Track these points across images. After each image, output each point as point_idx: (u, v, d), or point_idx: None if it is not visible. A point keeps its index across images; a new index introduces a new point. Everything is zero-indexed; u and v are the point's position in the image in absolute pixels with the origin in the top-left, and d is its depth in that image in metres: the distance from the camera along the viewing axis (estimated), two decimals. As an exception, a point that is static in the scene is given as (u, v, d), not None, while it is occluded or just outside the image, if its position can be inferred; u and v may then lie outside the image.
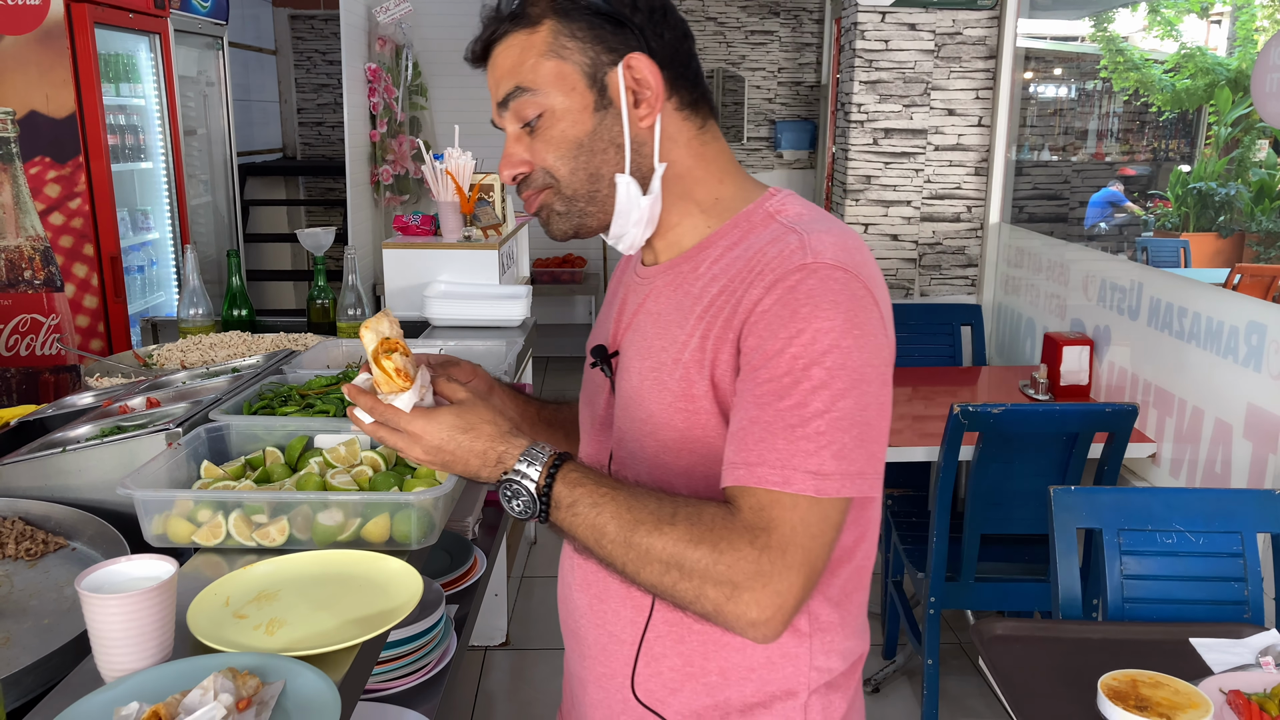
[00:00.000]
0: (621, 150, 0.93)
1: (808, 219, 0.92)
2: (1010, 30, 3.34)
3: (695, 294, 0.93)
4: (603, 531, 0.85)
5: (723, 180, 0.98)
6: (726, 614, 0.82)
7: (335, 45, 6.59)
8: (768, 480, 0.82)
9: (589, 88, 0.91)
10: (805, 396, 0.82)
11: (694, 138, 0.96)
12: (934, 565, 2.33)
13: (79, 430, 1.63)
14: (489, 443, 0.90)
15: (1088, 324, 2.82)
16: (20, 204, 3.21)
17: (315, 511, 1.27)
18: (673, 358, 0.93)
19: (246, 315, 2.65)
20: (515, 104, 0.93)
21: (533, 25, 0.91)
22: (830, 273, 0.85)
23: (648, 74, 0.91)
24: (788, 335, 0.83)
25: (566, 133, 0.92)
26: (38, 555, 1.38)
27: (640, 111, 0.92)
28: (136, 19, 3.48)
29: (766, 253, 0.89)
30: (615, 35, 0.91)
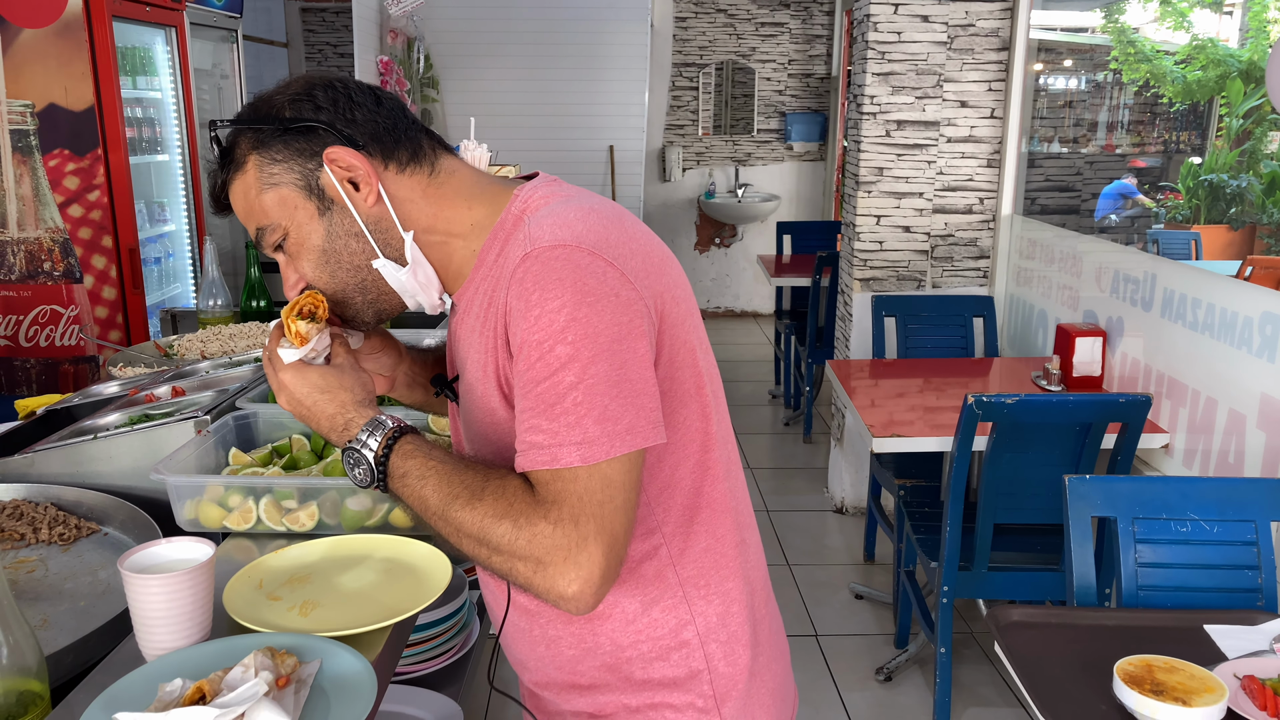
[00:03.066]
0: (363, 237, 0.98)
1: (542, 207, 0.97)
2: (1023, 22, 3.34)
3: (476, 314, 0.98)
4: (425, 503, 0.91)
5: (471, 206, 1.01)
6: (538, 588, 0.86)
7: (346, 38, 6.61)
8: (539, 461, 0.87)
9: (308, 198, 0.97)
10: (556, 374, 0.87)
11: (428, 186, 1.00)
12: (947, 554, 2.35)
13: (108, 418, 1.66)
14: (339, 409, 0.97)
15: (1100, 315, 2.83)
16: (40, 196, 3.24)
17: (344, 497, 1.30)
18: (476, 378, 0.99)
19: (265, 305, 2.67)
20: (263, 240, 0.99)
21: (241, 167, 0.97)
22: (549, 253, 0.89)
23: (350, 159, 0.95)
24: (529, 324, 0.88)
25: (307, 244, 0.98)
26: (71, 540, 1.41)
27: (363, 193, 0.97)
28: (153, 12, 3.51)
29: (507, 252, 0.95)
30: (310, 143, 0.95)
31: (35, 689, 0.95)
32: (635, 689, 1.02)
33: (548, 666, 1.07)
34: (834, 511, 3.87)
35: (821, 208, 7.00)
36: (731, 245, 7.11)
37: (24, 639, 0.94)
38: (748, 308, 7.23)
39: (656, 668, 1.02)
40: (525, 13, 5.67)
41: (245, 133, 0.97)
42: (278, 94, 0.98)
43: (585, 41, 5.70)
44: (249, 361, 1.94)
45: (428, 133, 1.02)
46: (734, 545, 1.04)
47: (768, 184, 7.00)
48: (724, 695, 1.03)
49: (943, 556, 2.36)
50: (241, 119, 0.98)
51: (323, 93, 0.96)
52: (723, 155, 6.98)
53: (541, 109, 5.75)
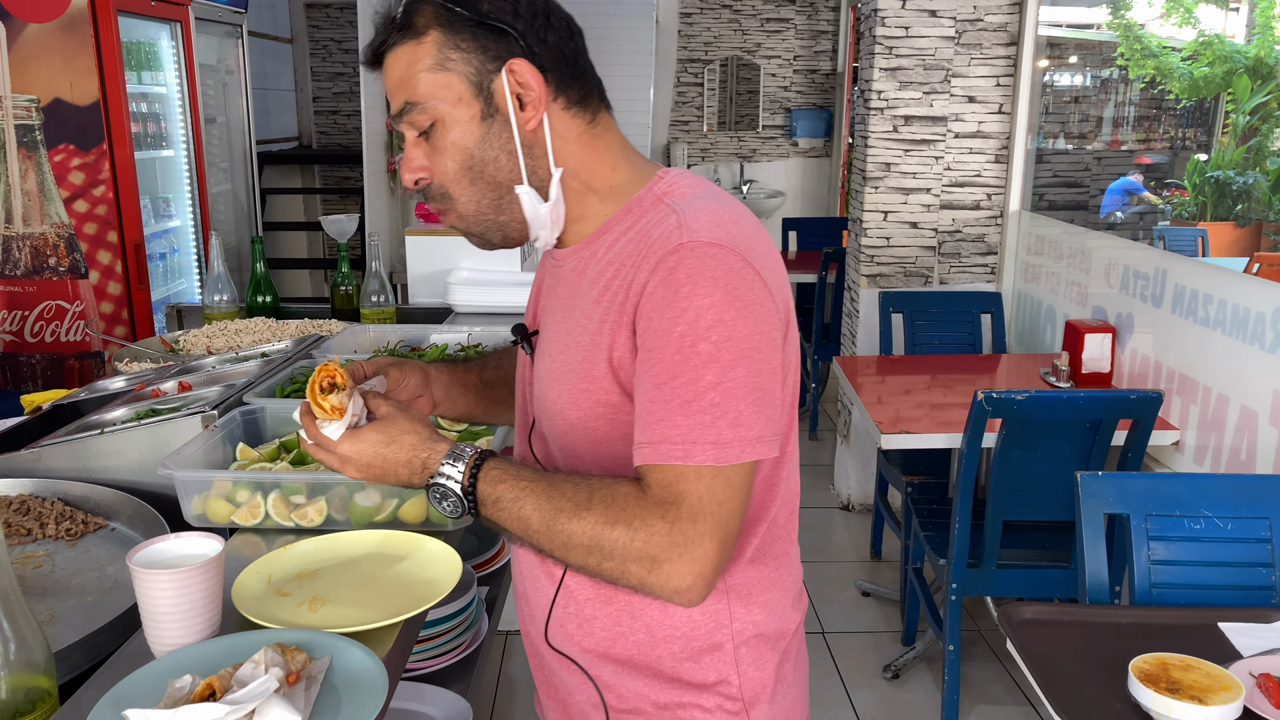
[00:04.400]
0: (514, 156, 0.96)
1: (690, 196, 0.96)
2: (1031, 16, 3.32)
3: (592, 279, 0.97)
4: (527, 523, 0.90)
5: (616, 168, 1.00)
6: (651, 585, 0.87)
7: (350, 34, 6.60)
8: (671, 456, 0.86)
9: (475, 96, 0.94)
10: (696, 372, 0.86)
11: (585, 132, 0.99)
12: (956, 551, 2.33)
13: (114, 413, 1.65)
14: (412, 452, 0.94)
15: (1109, 311, 2.82)
16: (45, 191, 3.24)
17: (352, 492, 1.29)
18: (575, 342, 0.97)
19: (271, 301, 2.67)
20: (409, 117, 0.95)
21: (418, 37, 0.93)
22: (706, 250, 0.89)
23: (529, 78, 0.94)
24: (672, 315, 0.87)
25: (458, 143, 0.95)
26: (78, 535, 1.40)
27: (526, 114, 0.95)
28: (159, 6, 3.50)
29: (650, 235, 0.93)
30: (498, 43, 0.93)
31: (43, 685, 0.94)
32: (662, 684, 1.01)
33: (580, 642, 1.05)
34: (840, 509, 3.86)
35: (827, 204, 6.98)
36: (736, 242, 7.08)
37: (32, 635, 0.94)
38: (752, 304, 7.19)
39: (685, 668, 1.01)
40: (530, 8, 5.65)
41: (435, 5, 0.93)
42: None
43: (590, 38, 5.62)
44: (255, 357, 1.93)
45: (598, 83, 1.01)
46: (784, 558, 1.05)
47: (773, 180, 6.98)
48: (752, 700, 1.02)
49: (952, 554, 2.35)
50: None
51: (525, 2, 0.94)
52: (728, 151, 6.96)
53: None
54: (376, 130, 5.19)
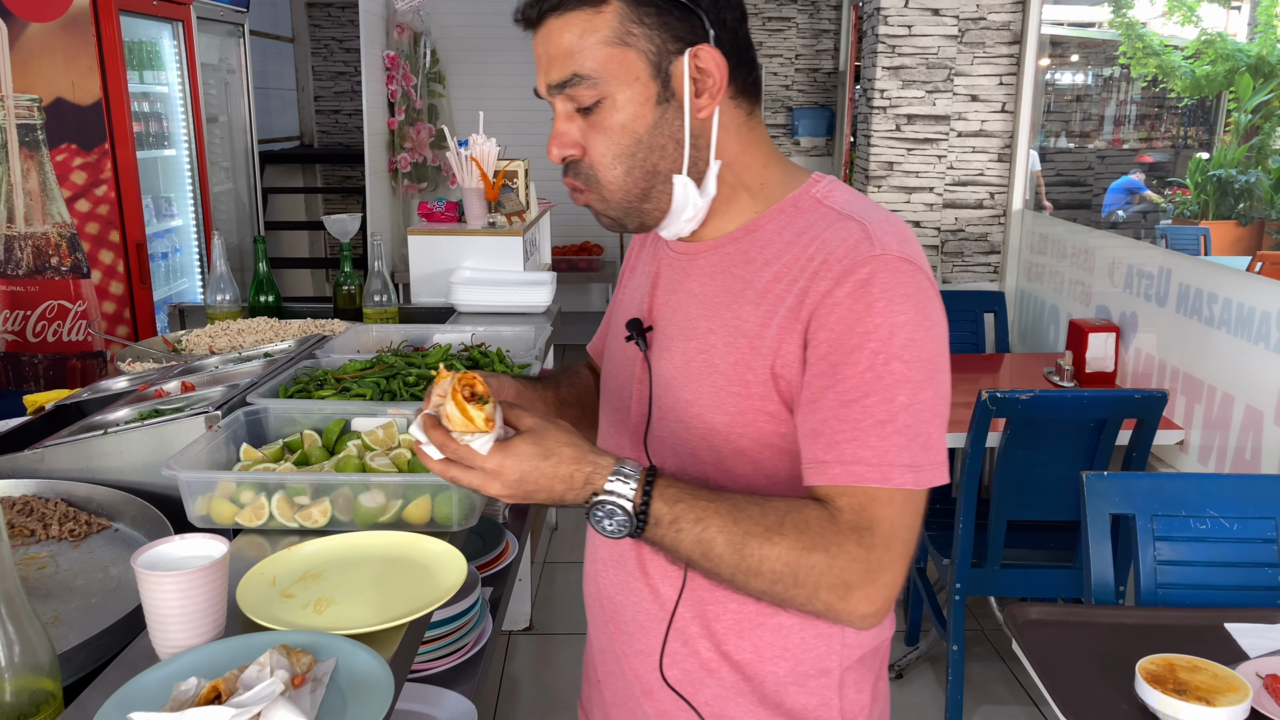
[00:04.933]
0: (681, 146, 0.90)
1: (859, 206, 0.92)
2: (1035, 15, 3.32)
3: (747, 278, 0.92)
4: (710, 546, 0.84)
5: (767, 165, 0.96)
6: (838, 612, 0.84)
7: (352, 33, 6.60)
8: (867, 478, 0.83)
9: (653, 78, 0.87)
10: (890, 391, 0.83)
11: (743, 124, 0.94)
12: (960, 551, 2.33)
13: (117, 413, 1.65)
14: (573, 466, 0.85)
15: (1113, 310, 2.81)
16: (47, 191, 3.23)
17: (357, 493, 1.29)
18: (725, 341, 0.92)
19: (273, 301, 2.66)
20: (572, 89, 0.88)
21: (597, 4, 0.86)
22: (899, 265, 0.86)
23: (713, 66, 0.88)
24: (865, 330, 0.84)
25: (627, 125, 0.88)
26: (81, 536, 1.40)
27: (700, 101, 0.89)
28: (160, 5, 3.49)
29: (827, 241, 0.88)
30: (682, 22, 0.87)
31: (48, 687, 0.94)
32: (766, 709, 0.99)
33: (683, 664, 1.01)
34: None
35: (828, 203, 6.97)
36: (738, 241, 7.08)
37: (36, 637, 0.93)
38: (754, 303, 7.19)
39: (790, 693, 0.98)
40: (532, 7, 5.65)
41: None
42: None
43: (592, 36, 5.68)
44: (258, 356, 1.92)
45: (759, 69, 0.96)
46: None
47: (774, 179, 6.98)
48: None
49: (955, 554, 2.34)
50: None
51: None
52: (729, 150, 6.96)
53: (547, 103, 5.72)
54: (378, 130, 5.19)
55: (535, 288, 2.61)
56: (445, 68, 5.71)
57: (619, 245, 5.84)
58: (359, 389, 1.61)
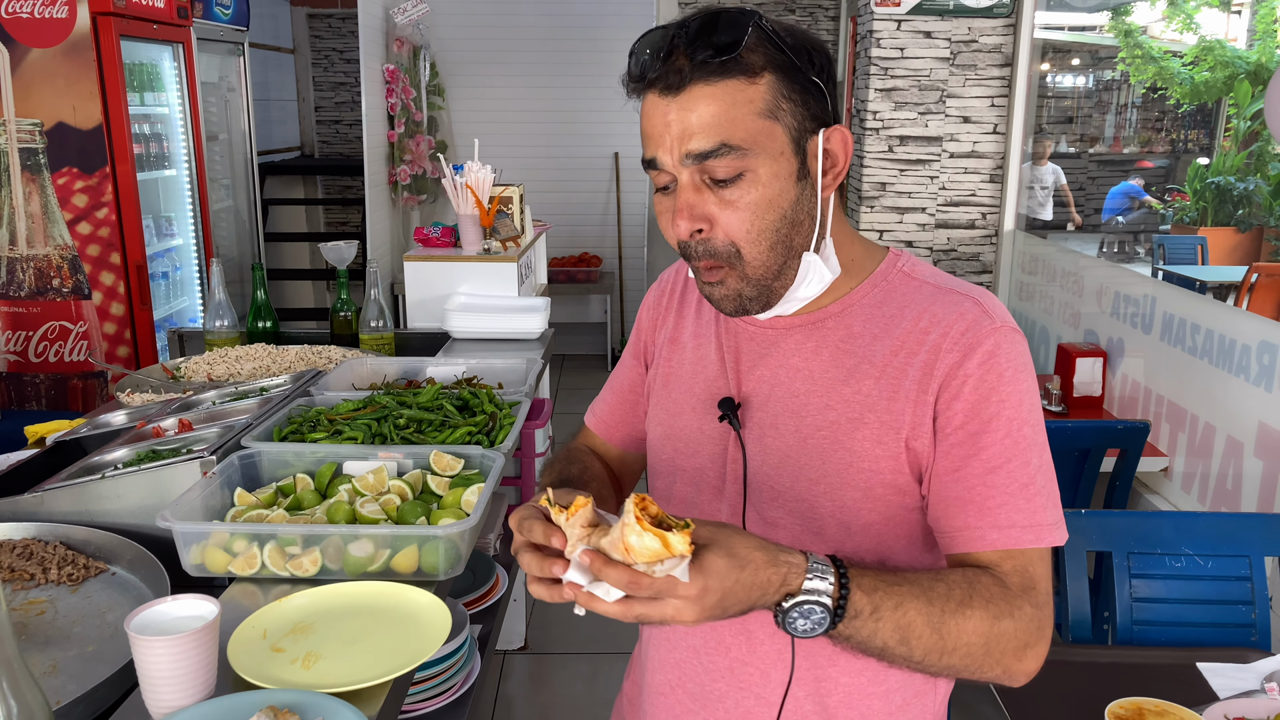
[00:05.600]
0: (814, 223, 0.91)
1: (949, 280, 0.97)
2: (1026, 38, 3.35)
3: (859, 353, 0.94)
4: (909, 630, 0.83)
5: (853, 242, 0.98)
6: (1015, 673, 0.88)
7: (352, 44, 6.65)
8: (1023, 540, 0.88)
9: (794, 154, 0.87)
10: (1025, 455, 0.89)
11: (838, 207, 0.96)
12: (946, 577, 2.36)
13: (115, 453, 1.68)
14: (769, 570, 0.79)
15: (1101, 335, 2.84)
16: (49, 214, 3.28)
17: (346, 543, 1.32)
18: (849, 417, 0.93)
19: (271, 327, 2.70)
20: (719, 159, 0.85)
21: (753, 76, 0.84)
22: (1015, 337, 0.92)
23: (839, 147, 0.90)
24: (999, 399, 0.89)
25: (773, 201, 0.87)
26: (79, 580, 1.44)
27: (826, 181, 0.91)
28: (160, 29, 3.53)
29: (941, 316, 0.92)
30: (818, 102, 0.88)
31: (45, 748, 0.97)
32: None
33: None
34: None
35: (826, 212, 7.00)
36: (736, 250, 7.11)
37: (34, 700, 0.97)
38: (753, 312, 7.22)
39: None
40: (530, 20, 5.69)
41: (773, 47, 0.85)
42: (799, 33, 0.88)
43: (589, 49, 5.71)
44: (254, 393, 1.96)
45: None
46: None
47: (773, 189, 7.01)
48: None
49: (942, 579, 2.37)
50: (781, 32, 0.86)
51: (830, 65, 0.89)
52: (728, 160, 6.99)
53: (546, 116, 5.76)
54: (378, 142, 5.23)
55: (528, 314, 2.64)
56: (444, 81, 5.75)
57: (617, 256, 5.88)
58: (351, 431, 1.64)
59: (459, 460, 1.55)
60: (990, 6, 3.35)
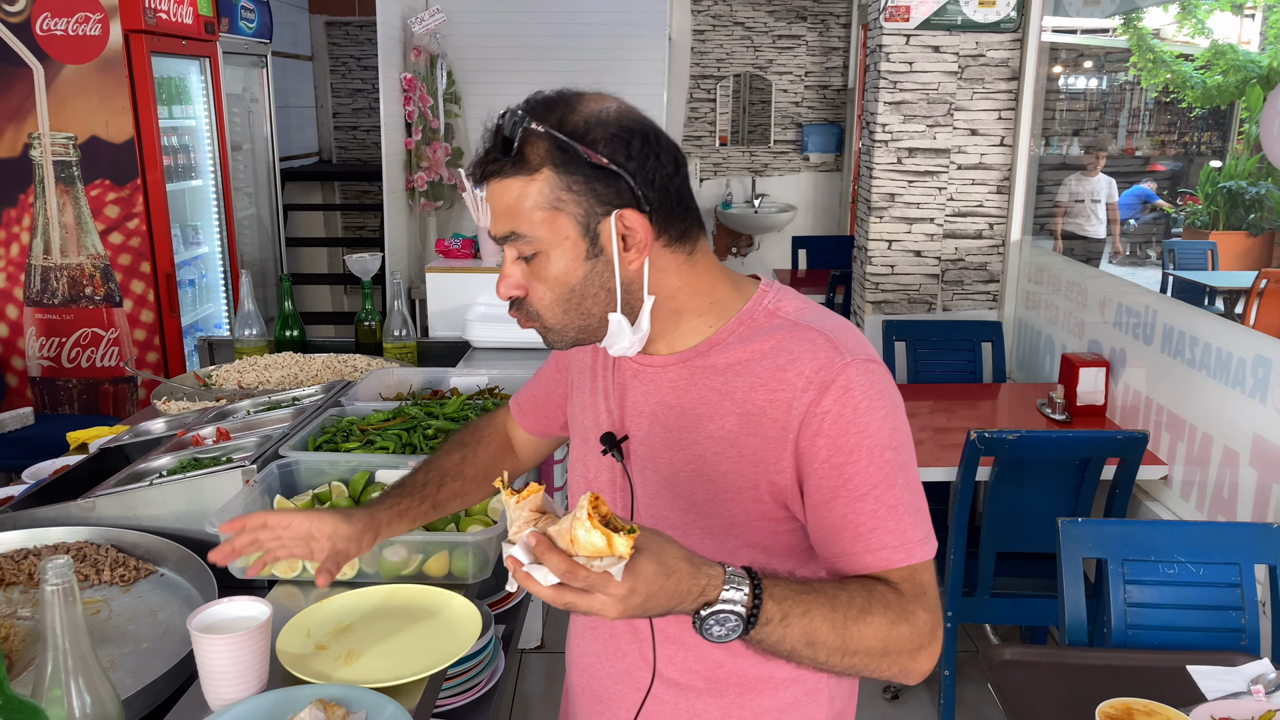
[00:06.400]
0: (612, 293, 0.99)
1: (812, 315, 1.02)
2: (1033, 53, 3.41)
3: (722, 390, 1.01)
4: (815, 634, 0.90)
5: (715, 287, 1.04)
6: (910, 672, 0.95)
7: (369, 50, 6.74)
8: (895, 560, 0.95)
9: (582, 237, 0.95)
10: (890, 479, 0.95)
11: (684, 264, 1.01)
12: (951, 581, 2.44)
13: (160, 461, 1.78)
14: (690, 581, 0.86)
15: (1104, 345, 2.91)
16: (82, 224, 3.39)
17: (381, 548, 1.41)
18: (714, 452, 1.01)
19: (298, 336, 2.80)
20: (513, 243, 0.98)
21: (531, 172, 0.94)
22: (868, 367, 0.97)
23: (636, 225, 0.95)
24: (858, 432, 0.95)
25: (560, 277, 0.97)
26: (131, 581, 1.53)
27: (629, 255, 0.97)
28: (189, 45, 3.63)
29: (799, 357, 0.97)
30: (608, 187, 0.94)
31: (115, 736, 1.07)
32: None
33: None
34: (846, 527, 3.95)
35: (838, 218, 7.07)
36: (748, 255, 7.19)
37: (105, 690, 1.06)
38: (764, 316, 7.30)
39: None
40: (545, 30, 5.77)
41: (550, 143, 0.93)
42: (594, 121, 0.94)
43: (603, 57, 5.79)
44: (287, 403, 2.05)
45: (698, 212, 1.03)
46: None
47: (784, 194, 7.08)
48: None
49: (946, 583, 2.45)
50: (554, 127, 0.93)
51: (639, 142, 0.94)
52: (740, 166, 7.07)
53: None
54: (396, 150, 5.32)
55: (547, 324, 2.72)
56: (461, 88, 5.84)
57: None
58: (382, 441, 1.73)
59: (485, 469, 1.64)
60: (998, 21, 3.42)
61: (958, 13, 3.41)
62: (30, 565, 1.54)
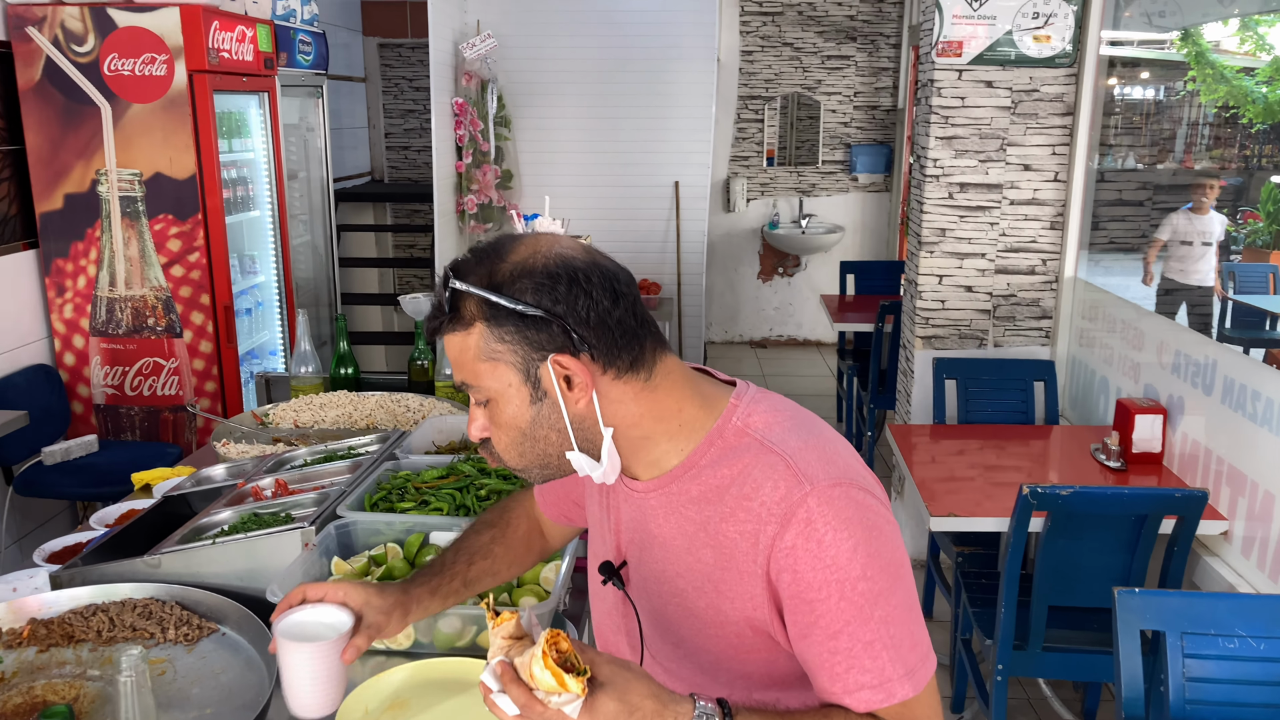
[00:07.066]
0: (563, 433, 1.00)
1: (778, 432, 0.99)
2: (1089, 88, 3.37)
3: (697, 521, 1.00)
4: None
5: (682, 408, 1.02)
6: None
7: (421, 72, 6.85)
8: (874, 701, 0.93)
9: (524, 383, 0.98)
10: (866, 612, 0.92)
11: (641, 390, 1.00)
12: (1002, 634, 2.41)
13: (220, 515, 1.83)
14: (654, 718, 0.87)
15: (1161, 391, 2.86)
16: (145, 257, 3.48)
17: (437, 619, 1.44)
18: (694, 586, 1.01)
19: (352, 374, 2.85)
20: (468, 391, 1.02)
21: (466, 327, 0.97)
22: (832, 494, 0.93)
23: (572, 366, 0.96)
24: (824, 565, 0.92)
25: (511, 421, 1.00)
26: (194, 640, 1.58)
27: (574, 394, 0.98)
28: (249, 81, 3.72)
29: (761, 486, 0.96)
30: (540, 333, 0.95)
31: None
32: None
33: None
34: (893, 562, 3.92)
35: (886, 238, 7.02)
36: (795, 275, 7.16)
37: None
38: (810, 336, 7.27)
39: None
40: (594, 53, 5.82)
41: (477, 300, 0.96)
42: (520, 270, 0.95)
43: (652, 80, 5.82)
44: (342, 453, 2.09)
45: (653, 332, 1.01)
46: None
47: (832, 215, 7.05)
48: None
49: (998, 636, 2.42)
50: (478, 282, 0.96)
51: (565, 287, 0.94)
52: (787, 186, 7.05)
53: (609, 146, 5.89)
54: (447, 173, 5.40)
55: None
56: (511, 111, 5.91)
57: (676, 283, 5.97)
58: (436, 501, 1.76)
59: (537, 534, 1.66)
60: (1052, 56, 3.37)
61: (1011, 48, 3.37)
62: (99, 622, 1.59)
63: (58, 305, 3.51)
